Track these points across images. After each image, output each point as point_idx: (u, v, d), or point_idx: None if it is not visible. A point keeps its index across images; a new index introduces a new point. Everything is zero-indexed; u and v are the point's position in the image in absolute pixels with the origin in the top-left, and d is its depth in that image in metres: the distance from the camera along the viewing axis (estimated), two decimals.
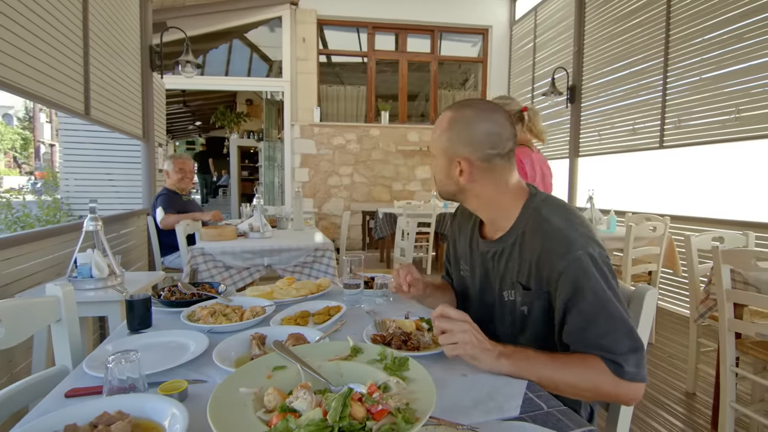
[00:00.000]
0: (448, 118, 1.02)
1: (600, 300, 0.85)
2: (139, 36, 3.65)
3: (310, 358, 0.76)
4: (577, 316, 0.87)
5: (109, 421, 0.61)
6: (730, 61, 3.36)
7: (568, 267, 0.87)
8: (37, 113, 21.16)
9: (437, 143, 1.04)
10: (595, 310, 0.85)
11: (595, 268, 0.86)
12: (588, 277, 0.86)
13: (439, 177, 1.07)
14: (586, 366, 0.84)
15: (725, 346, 1.76)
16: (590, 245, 0.89)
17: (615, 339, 0.84)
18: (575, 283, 0.86)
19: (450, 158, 1.01)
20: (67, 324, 1.05)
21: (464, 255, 1.17)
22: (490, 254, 1.05)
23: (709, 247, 2.29)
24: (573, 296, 0.87)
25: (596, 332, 0.85)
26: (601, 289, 0.86)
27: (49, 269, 2.12)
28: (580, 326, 0.87)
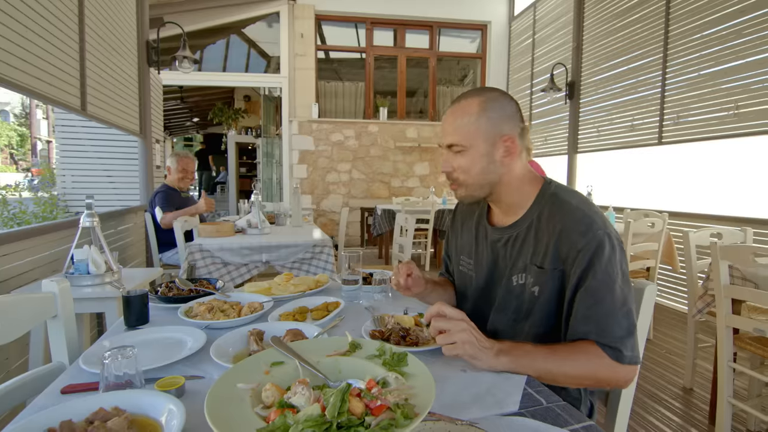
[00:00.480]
0: (477, 102, 0.98)
1: (609, 280, 0.88)
2: (136, 31, 3.62)
3: (308, 353, 0.76)
4: (584, 292, 0.89)
5: (105, 418, 0.60)
6: (729, 57, 3.36)
7: (588, 244, 0.89)
8: (34, 109, 21.04)
9: (472, 129, 0.97)
10: (603, 289, 0.87)
11: (611, 249, 0.89)
12: (602, 256, 0.88)
13: (477, 169, 0.99)
14: (584, 355, 0.86)
15: (723, 341, 1.76)
16: (608, 226, 0.92)
17: (616, 321, 0.86)
18: (590, 260, 0.89)
19: (493, 140, 0.98)
20: (64, 320, 1.05)
21: (467, 248, 1.16)
22: (502, 241, 1.05)
23: (707, 243, 2.30)
24: (585, 272, 0.89)
25: (600, 311, 0.87)
26: (612, 270, 0.88)
27: (45, 266, 2.11)
28: (587, 303, 0.88)
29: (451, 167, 1.01)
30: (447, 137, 1.01)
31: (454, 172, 1.02)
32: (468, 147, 0.98)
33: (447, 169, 1.02)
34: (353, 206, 6.35)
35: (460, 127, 0.98)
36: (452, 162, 1.01)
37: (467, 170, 1.00)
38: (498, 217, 1.09)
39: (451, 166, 1.01)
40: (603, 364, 0.85)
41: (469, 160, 0.99)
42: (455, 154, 1.00)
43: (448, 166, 1.02)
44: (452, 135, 1.00)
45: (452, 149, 1.00)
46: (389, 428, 0.53)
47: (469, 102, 0.99)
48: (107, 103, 2.92)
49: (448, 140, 1.01)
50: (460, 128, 0.98)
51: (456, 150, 1.00)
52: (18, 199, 5.15)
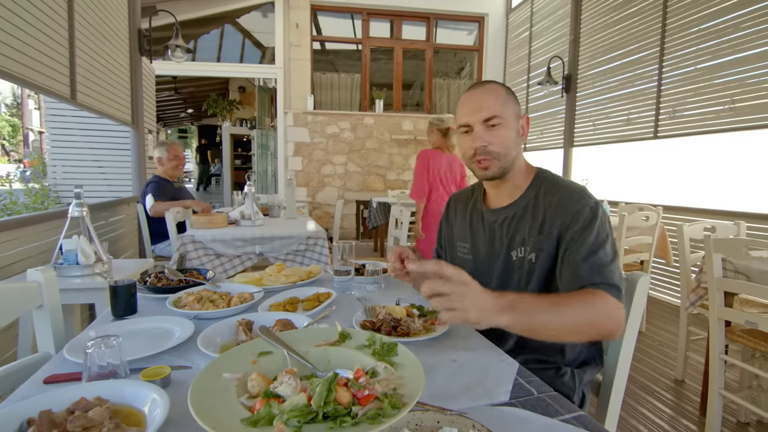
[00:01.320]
0: (500, 85, 1.08)
1: (604, 238, 0.96)
2: (127, 19, 3.56)
3: (297, 343, 0.75)
4: (582, 245, 0.95)
5: (86, 408, 0.59)
6: (726, 51, 3.35)
7: (582, 209, 0.98)
8: (26, 99, 20.77)
9: (506, 105, 1.04)
10: (599, 243, 0.95)
11: (602, 216, 0.99)
12: (596, 219, 0.97)
13: (509, 143, 1.05)
14: (591, 298, 0.89)
15: (715, 334, 1.77)
16: (597, 201, 1.01)
17: (615, 268, 0.94)
18: (585, 221, 0.97)
19: (518, 117, 1.08)
20: (50, 310, 1.03)
21: (462, 235, 1.21)
22: (499, 221, 1.11)
23: (701, 237, 2.31)
24: (582, 231, 0.97)
25: (600, 260, 0.94)
26: (605, 232, 0.97)
27: (35, 257, 2.08)
28: (585, 255, 0.95)
29: (488, 141, 1.04)
30: (483, 111, 1.04)
31: (489, 146, 1.04)
32: (505, 120, 1.04)
33: (482, 143, 1.04)
34: (348, 199, 6.32)
35: (497, 102, 1.04)
36: (487, 136, 1.04)
37: (504, 142, 1.05)
38: (494, 199, 1.15)
39: (487, 140, 1.04)
40: (609, 304, 0.89)
41: (505, 132, 1.05)
42: (490, 128, 1.04)
43: (483, 141, 1.04)
44: (490, 109, 1.04)
45: (489, 122, 1.04)
46: (376, 418, 0.52)
47: (494, 85, 1.08)
48: (98, 92, 2.87)
49: (485, 114, 1.04)
50: (497, 103, 1.04)
51: (493, 123, 1.03)
52: (8, 190, 5.08)
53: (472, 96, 1.07)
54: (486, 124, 1.04)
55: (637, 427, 1.93)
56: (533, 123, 6.07)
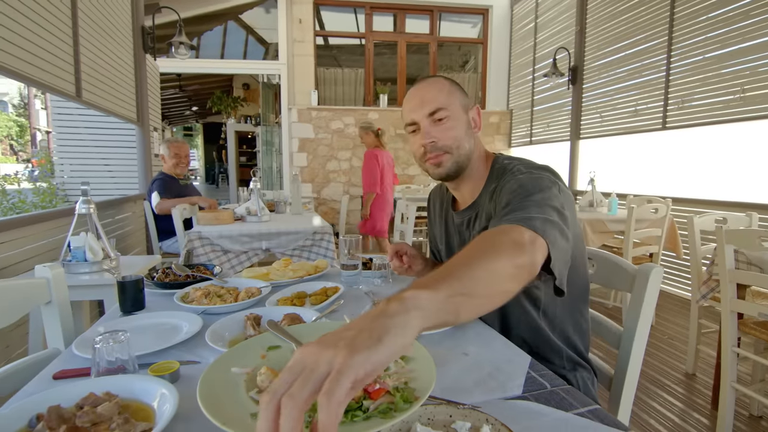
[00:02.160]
0: (443, 78, 1.03)
1: (523, 192, 0.83)
2: (131, 16, 3.56)
3: (305, 337, 0.74)
4: (505, 194, 0.87)
5: (95, 403, 0.59)
6: (736, 39, 3.29)
7: (511, 175, 0.92)
8: (32, 99, 20.91)
9: (451, 97, 0.99)
10: (514, 198, 0.83)
11: (528, 177, 0.88)
12: (515, 184, 0.87)
13: (459, 135, 1.00)
14: (494, 234, 0.69)
15: (727, 326, 1.74)
16: (532, 168, 0.93)
17: (531, 205, 0.78)
18: (503, 193, 0.89)
19: (465, 108, 1.02)
20: (58, 306, 1.03)
21: (440, 237, 1.19)
22: (464, 224, 1.07)
23: (711, 228, 2.27)
24: (507, 185, 0.89)
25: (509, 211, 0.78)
26: (528, 187, 0.84)
27: (43, 254, 2.09)
28: (506, 201, 0.84)
29: (435, 136, 0.99)
30: (427, 106, 0.98)
31: (438, 141, 0.99)
32: (451, 112, 0.99)
33: (430, 139, 0.99)
34: (354, 194, 6.31)
35: (440, 95, 0.99)
36: (434, 131, 0.99)
37: (453, 135, 0.99)
38: (461, 202, 1.11)
39: (435, 135, 0.99)
40: (516, 233, 0.68)
41: (453, 123, 0.99)
42: (436, 123, 0.99)
43: (430, 136, 0.99)
44: (434, 102, 0.98)
45: (434, 116, 0.98)
46: (388, 412, 0.51)
47: (437, 79, 1.02)
48: (103, 90, 2.87)
49: (429, 108, 0.98)
50: (440, 96, 0.99)
51: (439, 117, 0.98)
52: (17, 189, 5.13)
53: (414, 92, 1.02)
54: (432, 118, 0.98)
55: (648, 421, 1.91)
56: (538, 116, 6.01)
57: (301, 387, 0.37)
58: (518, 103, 6.56)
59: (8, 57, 1.80)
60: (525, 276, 0.62)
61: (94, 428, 0.55)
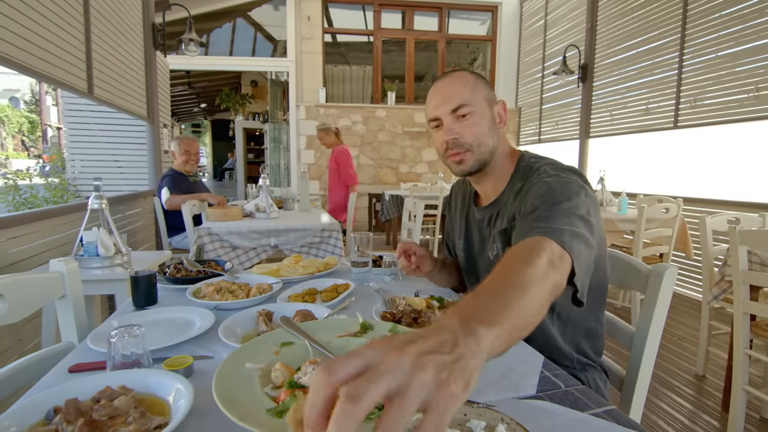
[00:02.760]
0: (468, 72, 1.00)
1: (552, 200, 0.80)
2: (141, 14, 3.58)
3: (318, 334, 0.74)
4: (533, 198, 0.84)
5: (111, 396, 0.59)
6: (750, 36, 3.23)
7: (538, 177, 0.90)
8: (44, 96, 21.13)
9: (476, 94, 0.97)
10: (542, 204, 0.81)
11: (557, 180, 0.86)
12: (545, 188, 0.85)
13: (483, 131, 0.98)
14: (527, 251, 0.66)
15: (739, 328, 1.72)
16: (560, 171, 0.91)
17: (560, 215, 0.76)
18: (531, 197, 0.85)
19: (490, 103, 1.00)
20: (72, 300, 1.04)
21: (459, 231, 1.17)
22: (485, 220, 1.06)
23: (723, 229, 2.24)
24: (527, 208, 0.84)
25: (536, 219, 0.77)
26: (558, 194, 0.82)
27: (55, 249, 2.12)
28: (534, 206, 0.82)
29: (458, 133, 0.97)
30: (450, 101, 0.97)
31: (461, 137, 0.97)
32: (475, 108, 0.97)
33: (452, 135, 0.97)
34: (361, 192, 6.31)
35: (464, 90, 0.97)
36: (457, 127, 0.97)
37: (476, 131, 0.97)
38: (484, 198, 1.09)
39: (457, 131, 0.97)
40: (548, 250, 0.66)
41: (477, 120, 0.97)
42: (459, 118, 0.97)
43: (453, 133, 0.97)
44: (456, 98, 0.96)
45: (457, 113, 0.97)
46: None
47: (461, 72, 1.00)
48: (114, 86, 2.90)
49: (452, 104, 0.97)
50: (463, 91, 0.97)
51: (462, 113, 0.97)
52: (29, 184, 5.19)
53: (438, 87, 1.00)
54: (455, 114, 0.97)
55: (657, 422, 1.90)
56: (548, 114, 5.97)
57: (371, 388, 0.32)
58: (527, 101, 6.52)
59: (23, 53, 1.82)
60: (553, 296, 0.61)
61: (111, 421, 0.56)
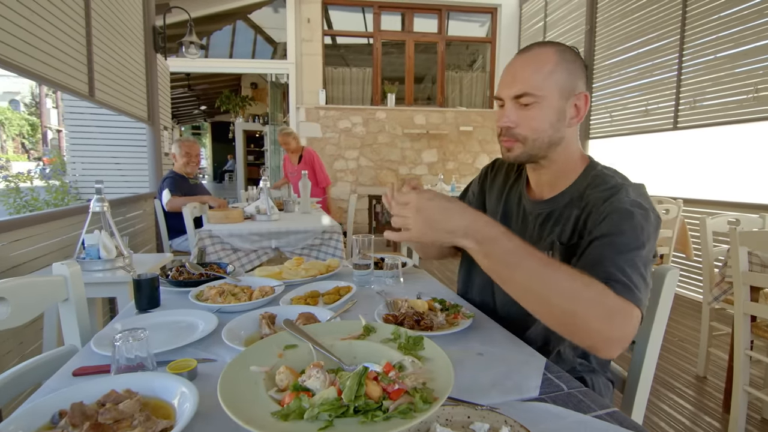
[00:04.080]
0: (554, 51, 0.89)
1: (638, 241, 0.79)
2: (142, 16, 3.59)
3: (321, 337, 0.74)
4: (606, 246, 0.80)
5: (117, 400, 0.59)
6: (750, 38, 3.24)
7: (614, 210, 0.83)
8: (44, 98, 21.15)
9: (549, 82, 0.87)
10: (627, 245, 0.79)
11: (641, 215, 0.82)
12: (632, 219, 0.81)
13: (543, 126, 0.89)
14: (587, 283, 0.72)
15: (740, 329, 1.72)
16: (643, 198, 0.86)
17: (633, 266, 0.77)
18: (616, 222, 0.81)
19: (568, 95, 0.89)
20: (75, 303, 1.04)
21: (493, 211, 1.09)
22: (534, 214, 0.99)
23: (724, 230, 2.25)
24: (610, 231, 0.81)
25: (621, 260, 0.77)
26: (641, 235, 0.80)
27: (57, 251, 2.12)
28: (604, 253, 0.79)
29: (514, 121, 0.90)
30: (515, 86, 0.88)
31: (516, 127, 0.90)
32: (541, 99, 0.87)
33: (507, 123, 0.90)
34: (361, 194, 6.32)
35: (535, 75, 0.87)
36: (514, 116, 0.89)
37: (535, 126, 0.89)
38: (535, 187, 1.02)
39: (513, 120, 0.89)
40: (607, 304, 0.71)
41: (539, 113, 0.88)
42: (521, 106, 0.89)
43: (509, 120, 0.90)
44: (523, 84, 0.88)
45: (520, 100, 0.88)
46: (408, 412, 0.51)
47: (544, 50, 0.89)
48: (115, 89, 2.90)
49: (516, 90, 0.88)
50: (534, 77, 0.87)
51: (525, 102, 0.88)
52: (30, 186, 5.19)
53: (513, 64, 0.91)
54: (517, 101, 0.89)
55: (658, 423, 1.90)
56: None
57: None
58: None
59: (23, 56, 1.82)
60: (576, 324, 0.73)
61: (117, 425, 0.56)
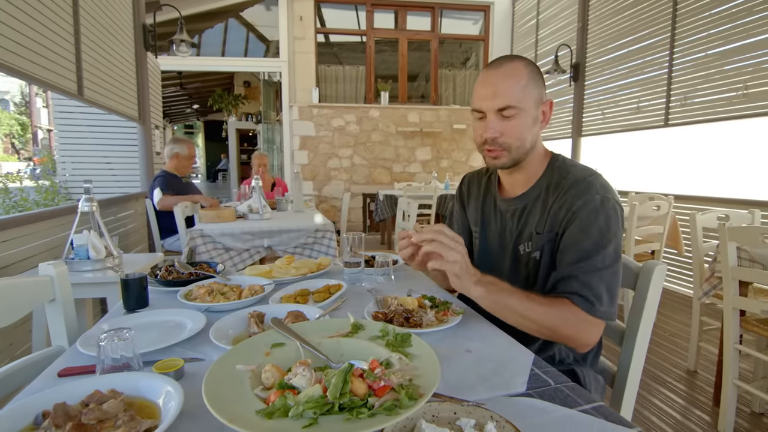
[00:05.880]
0: (524, 65, 0.97)
1: (602, 241, 0.90)
2: (132, 14, 3.55)
3: (309, 335, 0.74)
4: (575, 251, 0.91)
5: (101, 400, 0.59)
6: (739, 35, 3.27)
7: (583, 207, 0.92)
8: (34, 98, 20.91)
9: (526, 94, 0.95)
10: (594, 248, 0.90)
11: (605, 212, 0.91)
12: (597, 218, 0.91)
13: (524, 134, 0.98)
14: (558, 307, 0.88)
15: (729, 323, 1.74)
16: (609, 191, 0.94)
17: (600, 277, 0.89)
18: (584, 222, 0.92)
19: (538, 104, 0.99)
20: (62, 304, 1.03)
21: (475, 219, 1.18)
22: (510, 212, 1.07)
23: (713, 225, 2.27)
24: (578, 234, 0.92)
25: (589, 266, 0.90)
26: (606, 233, 0.91)
27: (46, 252, 2.10)
28: (575, 258, 0.91)
29: (499, 132, 0.97)
30: (499, 100, 0.95)
31: (501, 137, 0.97)
32: (522, 110, 0.96)
33: (494, 134, 0.97)
34: (355, 192, 6.32)
35: (515, 88, 0.95)
36: (499, 127, 0.97)
37: (518, 135, 0.97)
38: (508, 187, 1.11)
39: (499, 131, 0.97)
40: (572, 319, 0.88)
41: (520, 122, 0.97)
42: (504, 118, 0.96)
43: (495, 131, 0.97)
44: (506, 98, 0.95)
45: (504, 113, 0.96)
46: (393, 409, 0.51)
47: (517, 65, 0.97)
48: (104, 88, 2.88)
49: (499, 103, 0.95)
50: (515, 90, 0.95)
51: (508, 114, 0.96)
52: (19, 187, 5.13)
53: (490, 78, 0.97)
54: (500, 113, 0.96)
55: (649, 417, 1.92)
56: None
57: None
58: None
59: (10, 55, 1.80)
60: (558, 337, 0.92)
61: (100, 425, 0.56)
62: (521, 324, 0.89)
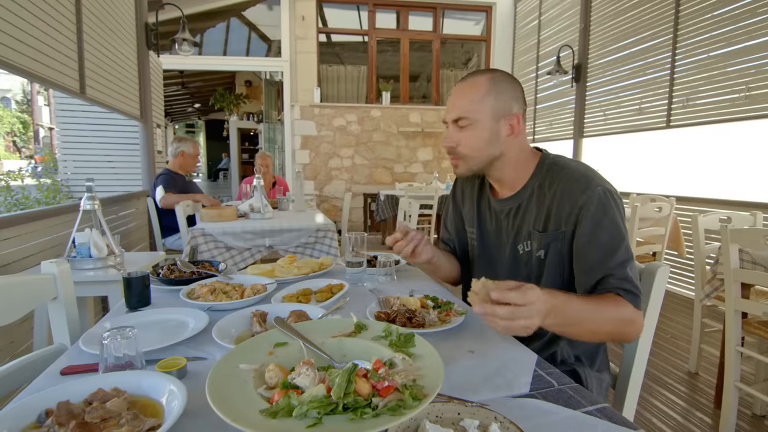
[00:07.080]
0: (486, 78, 1.00)
1: (619, 232, 0.91)
2: (134, 13, 3.55)
3: (312, 334, 0.74)
4: (598, 248, 0.91)
5: (104, 398, 0.59)
6: (742, 37, 3.27)
7: (589, 201, 0.92)
8: (35, 96, 20.93)
9: (481, 107, 0.99)
10: (615, 241, 0.91)
11: (613, 203, 0.93)
12: (607, 211, 0.92)
13: (478, 145, 1.01)
14: (612, 305, 0.87)
15: (731, 325, 1.74)
16: (606, 183, 0.96)
17: (630, 269, 0.90)
18: (595, 217, 0.92)
19: (499, 117, 1.00)
20: (64, 302, 1.03)
21: (470, 220, 1.19)
22: (504, 212, 1.08)
23: (715, 227, 2.27)
24: (594, 230, 0.92)
25: (617, 261, 0.90)
26: (619, 223, 0.92)
27: (48, 250, 2.10)
28: (600, 258, 0.91)
29: (455, 142, 1.03)
30: (453, 111, 1.02)
31: (457, 147, 1.03)
32: (474, 122, 1.00)
33: (450, 143, 1.03)
34: (356, 192, 6.31)
35: (468, 102, 1.00)
36: (455, 137, 1.02)
37: (471, 145, 1.01)
38: (500, 189, 1.12)
39: (455, 141, 1.03)
40: (629, 313, 0.87)
41: (473, 134, 1.01)
42: (460, 129, 1.01)
43: (451, 141, 1.03)
44: (459, 109, 1.00)
45: (458, 123, 1.01)
46: (397, 409, 0.51)
47: (477, 79, 1.01)
48: (107, 86, 2.88)
49: (454, 114, 1.01)
50: (467, 103, 1.00)
51: (461, 125, 1.01)
52: (21, 185, 5.14)
53: (454, 90, 1.04)
54: (455, 124, 1.02)
55: (650, 419, 1.91)
56: (542, 114, 5.99)
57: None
58: None
59: (14, 53, 1.80)
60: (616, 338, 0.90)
61: (104, 424, 0.56)
62: (587, 334, 0.89)
